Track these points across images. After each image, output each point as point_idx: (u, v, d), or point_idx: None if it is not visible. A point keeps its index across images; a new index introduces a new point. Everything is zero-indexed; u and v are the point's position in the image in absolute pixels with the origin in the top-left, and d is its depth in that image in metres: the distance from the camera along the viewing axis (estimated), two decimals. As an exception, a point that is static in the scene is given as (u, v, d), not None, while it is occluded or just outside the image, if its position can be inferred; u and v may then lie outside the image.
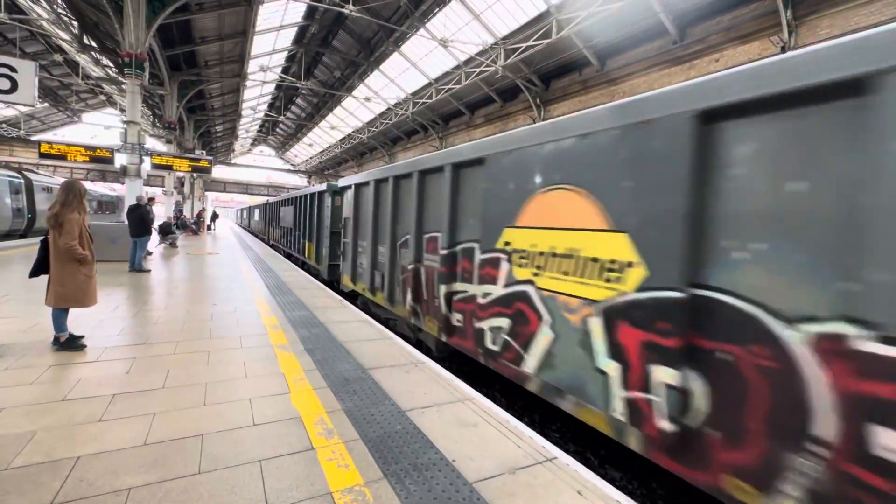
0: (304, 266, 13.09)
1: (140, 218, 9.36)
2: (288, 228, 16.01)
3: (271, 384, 3.51)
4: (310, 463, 2.41)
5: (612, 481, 3.34)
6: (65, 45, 19.25)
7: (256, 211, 32.12)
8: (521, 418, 4.29)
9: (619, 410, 2.65)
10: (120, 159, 12.69)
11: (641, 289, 2.52)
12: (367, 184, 7.10)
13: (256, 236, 27.32)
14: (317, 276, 11.12)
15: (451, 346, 4.67)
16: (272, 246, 20.22)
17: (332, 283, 10.03)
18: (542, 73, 18.00)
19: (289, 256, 15.64)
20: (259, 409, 3.05)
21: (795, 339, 1.91)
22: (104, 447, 2.44)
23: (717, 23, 12.14)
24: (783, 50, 10.52)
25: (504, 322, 3.76)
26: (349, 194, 8.10)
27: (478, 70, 17.79)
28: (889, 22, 8.86)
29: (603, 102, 15.46)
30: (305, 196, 12.58)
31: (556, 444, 3.83)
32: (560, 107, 17.65)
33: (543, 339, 3.26)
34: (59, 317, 4.05)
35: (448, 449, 2.63)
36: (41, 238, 4.13)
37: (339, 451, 2.53)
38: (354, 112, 31.24)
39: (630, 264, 2.60)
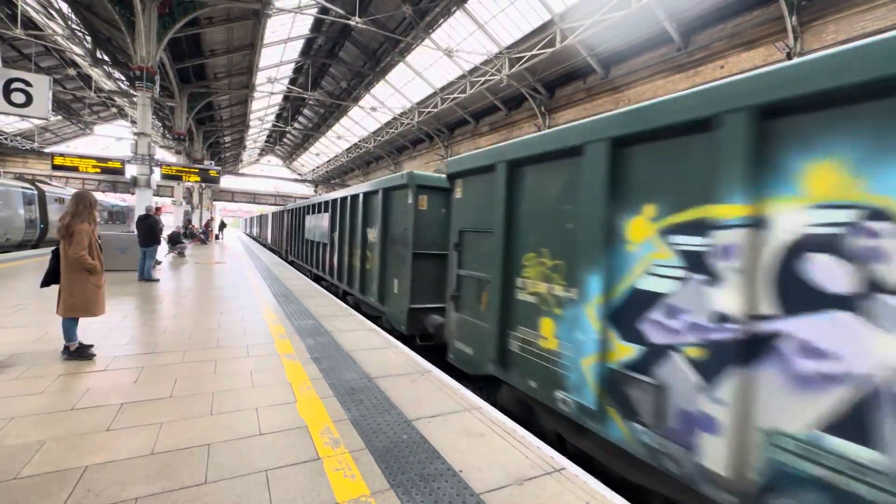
0: (344, 297, 9.29)
1: (149, 228, 9.48)
2: (319, 244, 11.47)
3: (278, 393, 3.51)
4: (316, 473, 2.39)
5: (621, 492, 3.27)
6: (78, 60, 19.68)
7: (270, 220, 26.09)
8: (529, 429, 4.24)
9: None
10: (130, 170, 12.89)
11: None
12: (577, 151, 3.06)
13: (273, 251, 22.94)
14: (371, 317, 7.38)
15: None
16: (291, 263, 16.22)
17: (412, 338, 6.07)
18: (546, 81, 18.09)
19: (318, 280, 11.94)
20: (265, 418, 3.04)
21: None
22: (111, 457, 2.45)
23: (721, 30, 12.15)
24: (789, 56, 10.49)
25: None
26: (467, 187, 4.50)
27: (482, 79, 17.91)
28: (894, 27, 8.82)
29: (608, 110, 15.50)
30: (356, 197, 8.24)
31: (563, 454, 3.77)
32: (565, 114, 17.69)
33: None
34: (69, 326, 4.09)
35: (455, 459, 2.60)
36: (52, 248, 4.19)
37: (345, 462, 2.52)
38: (361, 122, 31.55)
39: None
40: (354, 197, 8.37)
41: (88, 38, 16.26)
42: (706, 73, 12.54)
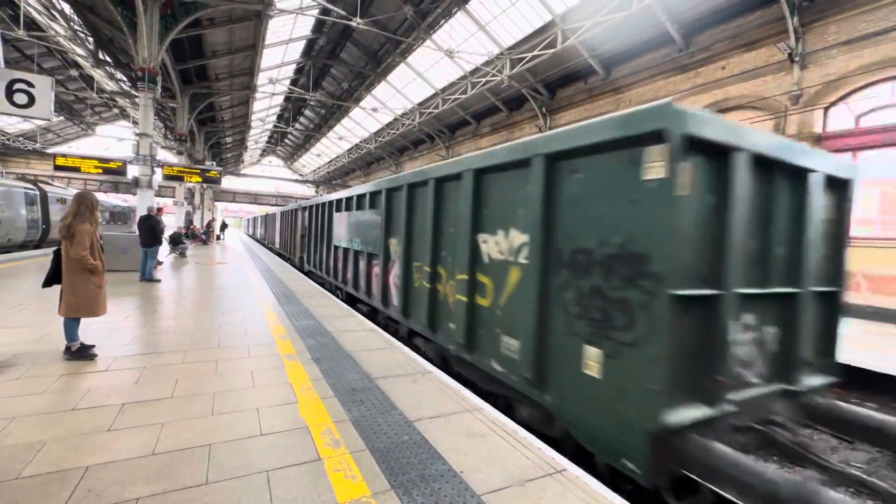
0: (409, 339, 6.13)
1: (151, 228, 9.49)
2: (358, 253, 7.87)
3: (279, 394, 3.51)
4: (317, 474, 2.39)
5: (622, 494, 3.26)
6: (80, 61, 19.72)
7: (279, 220, 20.87)
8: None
9: None
10: (132, 171, 12.93)
11: None
12: None
13: (283, 257, 18.47)
14: (485, 393, 4.38)
15: None
16: (309, 274, 12.66)
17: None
18: (547, 82, 18.09)
19: (352, 301, 8.73)
20: (266, 418, 3.04)
21: None
22: (112, 457, 2.45)
23: (722, 31, 12.14)
24: (790, 57, 10.48)
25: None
26: None
27: (483, 80, 17.92)
28: (898, 27, 8.80)
29: (609, 111, 15.55)
30: (447, 180, 4.86)
31: (565, 455, 3.76)
32: (566, 115, 17.69)
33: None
34: (71, 326, 4.10)
35: (456, 460, 2.60)
36: (54, 249, 4.20)
37: (346, 462, 2.52)
38: (362, 122, 31.58)
39: None
40: (445, 181, 4.81)
41: (90, 39, 16.30)
42: (708, 74, 12.54)
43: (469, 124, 23.98)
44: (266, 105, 31.31)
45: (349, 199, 8.51)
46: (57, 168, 12.63)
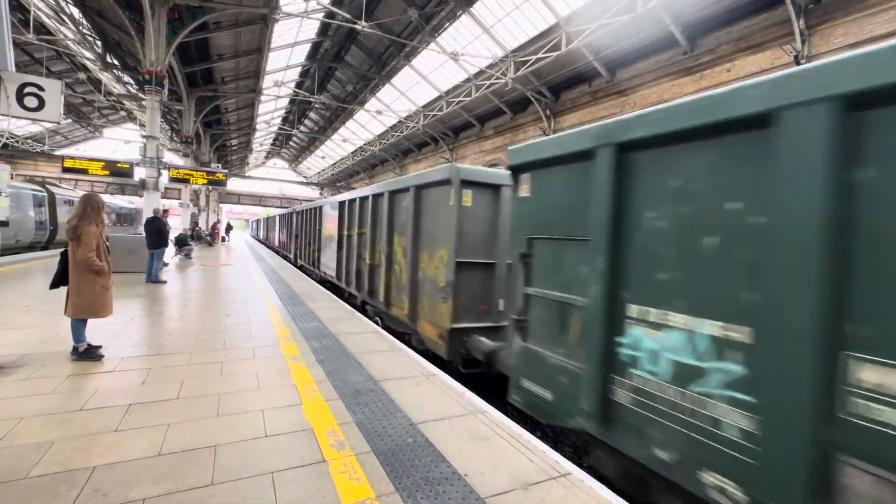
0: None
1: (157, 230, 9.56)
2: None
3: (283, 395, 3.52)
4: (321, 475, 2.40)
5: (627, 498, 3.25)
6: (88, 64, 19.96)
7: (336, 219, 10.05)
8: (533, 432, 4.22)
9: None
10: (139, 173, 13.04)
11: None
12: None
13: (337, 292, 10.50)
14: None
15: None
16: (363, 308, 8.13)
17: None
18: (551, 84, 18.09)
19: None
20: (271, 420, 3.05)
21: None
22: (119, 457, 2.47)
23: (727, 33, 12.11)
24: (796, 59, 10.43)
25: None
26: None
27: (488, 83, 17.94)
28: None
29: (613, 113, 15.52)
30: None
31: (569, 458, 3.75)
32: (570, 118, 17.68)
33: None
34: (77, 327, 4.13)
35: (460, 463, 2.60)
36: (61, 250, 4.25)
37: (350, 464, 2.52)
38: (366, 125, 31.70)
39: None
40: None
41: (98, 43, 16.49)
42: (713, 77, 12.49)
43: (473, 127, 24.00)
44: (271, 108, 31.50)
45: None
46: (65, 170, 12.79)
